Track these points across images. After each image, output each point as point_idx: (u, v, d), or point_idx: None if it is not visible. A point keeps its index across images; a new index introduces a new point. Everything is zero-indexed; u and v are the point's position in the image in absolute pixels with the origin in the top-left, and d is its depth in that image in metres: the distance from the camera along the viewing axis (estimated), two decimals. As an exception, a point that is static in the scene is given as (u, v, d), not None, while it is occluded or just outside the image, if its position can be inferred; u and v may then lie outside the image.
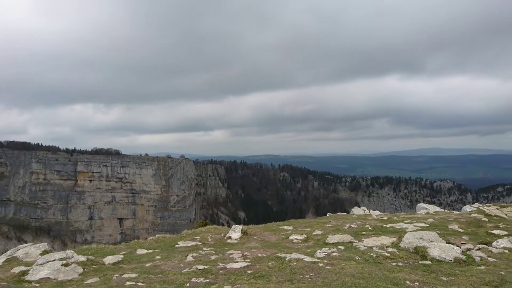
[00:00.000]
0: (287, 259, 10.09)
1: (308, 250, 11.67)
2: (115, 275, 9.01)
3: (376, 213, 23.54)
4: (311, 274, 8.59)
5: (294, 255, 10.40)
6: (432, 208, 25.42)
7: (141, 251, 12.43)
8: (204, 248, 12.50)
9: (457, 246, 11.15)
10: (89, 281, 8.70)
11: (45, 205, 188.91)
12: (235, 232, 14.58)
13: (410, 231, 13.07)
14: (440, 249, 10.43)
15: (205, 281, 8.30)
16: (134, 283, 8.32)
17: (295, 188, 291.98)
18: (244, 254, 11.23)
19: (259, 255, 11.09)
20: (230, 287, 7.77)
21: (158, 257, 11.31)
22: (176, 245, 13.28)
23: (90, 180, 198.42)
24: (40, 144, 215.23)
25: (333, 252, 11.09)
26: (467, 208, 24.10)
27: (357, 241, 12.68)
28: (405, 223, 16.46)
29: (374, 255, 10.52)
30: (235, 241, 13.74)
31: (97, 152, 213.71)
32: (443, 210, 25.80)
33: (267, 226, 17.32)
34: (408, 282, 7.89)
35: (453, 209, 29.38)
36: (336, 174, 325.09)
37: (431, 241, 11.25)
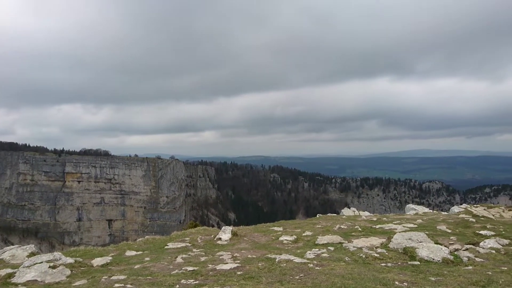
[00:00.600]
0: (277, 260, 10.08)
1: (298, 251, 11.68)
2: (103, 277, 8.90)
3: (365, 214, 23.66)
4: (301, 275, 8.59)
5: (284, 256, 10.39)
6: (421, 209, 25.64)
7: (130, 253, 12.31)
8: (194, 250, 12.43)
9: (445, 246, 11.26)
10: (77, 283, 8.59)
11: (33, 206, 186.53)
12: (225, 233, 14.53)
13: (399, 232, 13.17)
14: (429, 250, 10.52)
15: (195, 282, 8.24)
16: (123, 285, 8.23)
17: (285, 189, 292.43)
18: (234, 255, 11.19)
19: (249, 256, 11.06)
20: (220, 288, 7.74)
21: (147, 258, 11.22)
22: (166, 247, 13.18)
23: (79, 181, 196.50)
24: (27, 144, 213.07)
25: (323, 253, 11.12)
26: (455, 209, 24.38)
27: (346, 242, 12.72)
28: (394, 224, 16.57)
29: (364, 256, 10.58)
30: (225, 242, 13.70)
31: (85, 152, 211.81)
32: (431, 211, 26.05)
33: (257, 227, 17.29)
34: (397, 282, 7.94)
35: (442, 210, 29.70)
36: (326, 175, 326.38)
37: (420, 242, 11.35)
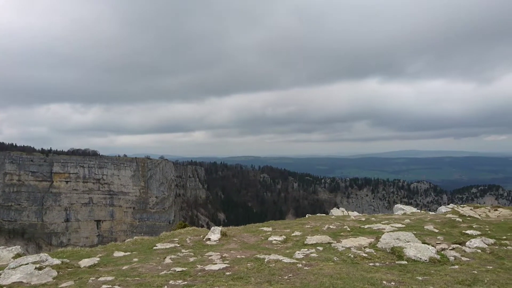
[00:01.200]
0: (266, 260, 10.09)
1: (287, 251, 11.71)
2: (90, 278, 8.82)
3: (354, 214, 23.81)
4: (290, 275, 8.62)
5: (273, 256, 10.41)
6: (409, 209, 25.89)
7: (118, 254, 12.20)
8: (183, 250, 12.38)
9: (432, 246, 11.39)
10: (64, 284, 8.49)
11: (19, 207, 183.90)
12: (214, 234, 14.50)
13: (387, 232, 13.28)
14: (416, 249, 10.63)
15: (183, 283, 8.21)
16: (111, 286, 8.16)
17: (275, 190, 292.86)
18: (223, 255, 11.17)
19: (238, 256, 11.06)
20: (208, 289, 7.72)
21: (135, 259, 11.14)
22: (154, 247, 13.11)
23: (67, 181, 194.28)
24: (14, 144, 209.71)
25: (311, 253, 11.16)
26: (443, 209, 24.67)
27: (335, 242, 12.79)
28: (382, 224, 16.71)
29: (352, 256, 10.65)
30: (214, 243, 13.67)
31: (73, 152, 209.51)
32: (419, 211, 26.31)
33: (247, 228, 17.29)
34: (384, 282, 8.01)
35: (429, 210, 30.03)
36: (316, 175, 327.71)
37: (407, 242, 11.46)
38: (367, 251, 11.22)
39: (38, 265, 9.48)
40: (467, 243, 11.75)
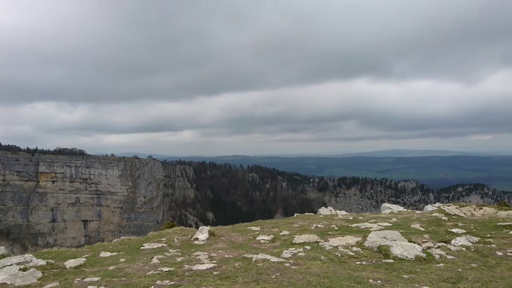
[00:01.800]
0: (253, 259, 10.10)
1: (275, 250, 11.74)
2: (76, 279, 8.71)
3: (342, 213, 23.96)
4: (277, 274, 8.64)
5: (261, 256, 10.42)
6: (396, 208, 26.14)
7: (104, 254, 12.08)
8: (170, 250, 12.31)
9: (418, 244, 11.52)
10: (49, 285, 8.38)
11: (4, 207, 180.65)
12: (202, 233, 14.46)
13: (374, 231, 13.39)
14: (402, 248, 10.75)
15: (170, 283, 8.16)
16: (96, 287, 8.08)
17: (264, 189, 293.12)
18: (211, 255, 11.14)
19: (226, 256, 11.04)
20: (196, 289, 7.69)
21: (122, 259, 11.04)
22: (142, 247, 13.01)
23: (53, 181, 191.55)
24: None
25: (299, 252, 11.20)
26: (429, 207, 24.98)
27: (323, 241, 12.86)
28: (369, 222, 16.85)
29: (339, 255, 10.72)
30: (202, 243, 13.63)
31: (60, 152, 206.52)
32: (406, 209, 26.58)
33: (235, 227, 17.28)
34: (371, 280, 8.08)
35: (416, 209, 30.35)
36: (304, 174, 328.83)
37: (394, 240, 11.57)
38: (354, 250, 11.30)
39: (22, 266, 9.34)
40: (453, 242, 11.91)
